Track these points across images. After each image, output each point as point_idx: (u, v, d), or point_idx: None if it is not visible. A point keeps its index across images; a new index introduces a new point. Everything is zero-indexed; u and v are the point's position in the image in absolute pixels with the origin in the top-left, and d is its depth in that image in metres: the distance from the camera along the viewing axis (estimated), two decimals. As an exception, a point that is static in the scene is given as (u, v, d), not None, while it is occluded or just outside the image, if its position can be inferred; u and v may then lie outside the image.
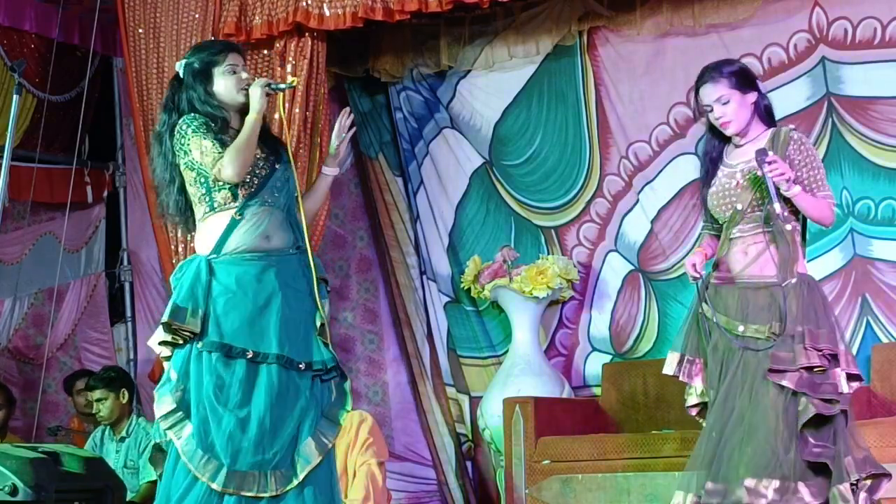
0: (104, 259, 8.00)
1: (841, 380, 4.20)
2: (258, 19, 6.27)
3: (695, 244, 5.90)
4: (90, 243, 8.01)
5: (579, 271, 6.83)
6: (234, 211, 4.24)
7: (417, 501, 7.21)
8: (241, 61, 4.40)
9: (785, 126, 4.43)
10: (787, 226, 4.23)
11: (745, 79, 4.38)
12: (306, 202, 4.45)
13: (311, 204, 4.51)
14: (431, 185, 7.37)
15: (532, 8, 6.94)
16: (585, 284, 6.91)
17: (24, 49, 7.26)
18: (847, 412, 4.22)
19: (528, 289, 6.59)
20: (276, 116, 5.25)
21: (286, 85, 4.58)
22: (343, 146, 4.56)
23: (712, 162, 4.46)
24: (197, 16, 6.45)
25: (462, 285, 7.03)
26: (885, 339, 6.12)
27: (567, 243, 6.98)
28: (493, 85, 7.17)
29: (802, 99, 6.33)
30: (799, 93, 6.33)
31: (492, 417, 6.52)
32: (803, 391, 4.13)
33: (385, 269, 7.49)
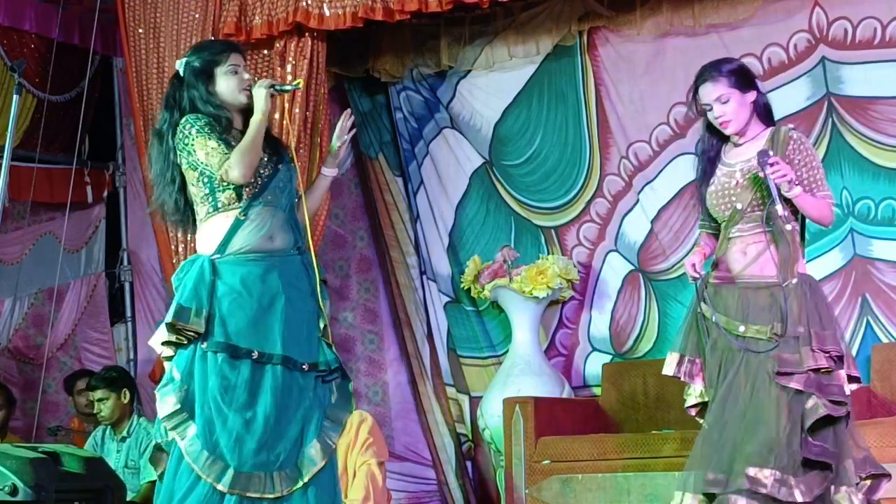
0: (104, 259, 7.99)
1: (844, 379, 4.21)
2: (258, 19, 6.27)
3: (695, 244, 5.89)
4: (90, 243, 8.01)
5: (579, 271, 6.83)
6: (239, 211, 4.22)
7: (417, 501, 7.21)
8: (242, 62, 4.39)
9: (784, 125, 4.42)
10: (788, 226, 4.23)
11: (745, 78, 4.37)
12: (307, 202, 4.45)
13: (309, 204, 4.48)
14: (431, 185, 7.36)
15: (532, 8, 6.93)
16: (585, 284, 6.90)
17: (24, 49, 7.26)
18: (849, 413, 4.23)
19: (528, 289, 6.59)
20: (276, 116, 5.25)
21: (291, 86, 4.58)
22: (343, 147, 4.55)
23: (710, 161, 4.45)
24: (197, 16, 6.45)
25: (462, 285, 7.02)
26: (885, 339, 6.11)
27: (567, 243, 6.98)
28: (493, 85, 7.16)
29: (802, 99, 6.32)
30: (799, 93, 6.33)
31: (492, 417, 6.52)
32: (811, 391, 4.14)
33: (385, 269, 7.49)
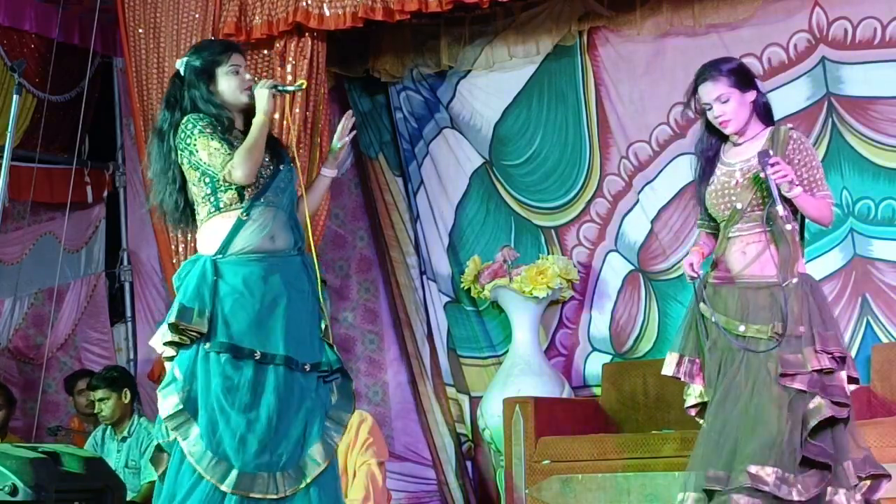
0: (104, 259, 7.99)
1: (843, 379, 4.21)
2: (258, 19, 6.27)
3: (694, 244, 5.89)
4: (90, 243, 8.01)
5: (579, 271, 6.82)
6: (241, 211, 4.21)
7: (417, 501, 7.21)
8: (243, 62, 4.38)
9: (784, 125, 4.41)
10: (788, 226, 4.22)
11: (744, 77, 4.36)
12: (302, 203, 4.44)
13: (309, 204, 4.48)
14: (431, 185, 7.36)
15: (532, 8, 6.93)
16: (585, 284, 6.90)
17: (24, 49, 7.26)
18: (849, 415, 4.23)
19: (528, 289, 6.58)
20: (276, 116, 5.25)
21: (294, 87, 4.56)
22: (344, 149, 4.54)
23: (709, 160, 4.44)
24: (197, 16, 6.45)
25: (462, 285, 7.02)
26: (885, 339, 6.11)
27: (567, 243, 6.98)
28: (493, 85, 7.16)
29: (802, 99, 6.32)
30: (799, 93, 6.33)
31: (492, 417, 6.52)
32: (815, 391, 4.13)
33: (385, 269, 7.49)
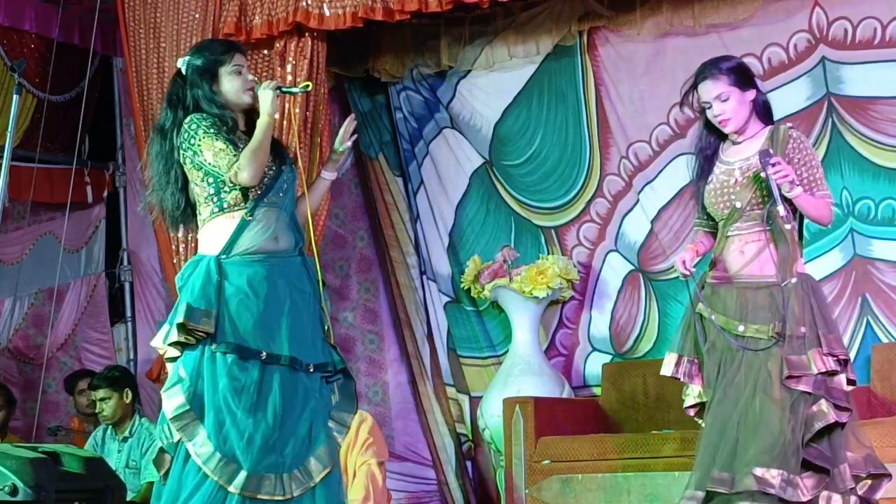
0: (104, 259, 7.99)
1: (844, 382, 4.20)
2: (258, 19, 6.27)
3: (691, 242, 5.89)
4: (90, 243, 8.01)
5: (579, 271, 6.82)
6: (245, 212, 4.21)
7: (417, 501, 7.21)
8: (245, 62, 4.39)
9: (783, 124, 4.41)
10: (787, 225, 4.22)
11: (744, 76, 4.36)
12: (302, 205, 4.45)
13: (304, 208, 4.48)
14: (431, 185, 7.36)
15: (532, 8, 6.93)
16: (585, 284, 6.90)
17: (24, 49, 7.26)
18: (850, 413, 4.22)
19: (528, 289, 6.58)
20: (275, 117, 5.23)
21: (299, 89, 4.56)
22: (346, 152, 4.54)
23: (708, 159, 4.43)
24: (197, 16, 6.44)
25: (462, 285, 7.02)
26: (885, 339, 6.11)
27: (567, 243, 6.98)
28: (493, 85, 7.16)
29: (802, 99, 6.32)
30: (799, 93, 6.33)
31: (492, 417, 6.52)
32: (820, 393, 4.13)
33: (385, 269, 7.49)
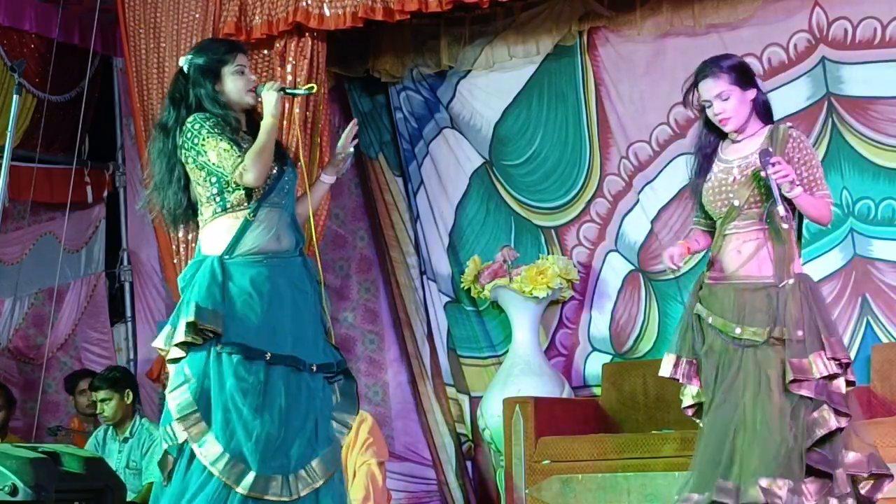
0: (104, 259, 7.99)
1: (842, 385, 4.19)
2: (258, 19, 6.27)
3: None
4: (90, 243, 8.01)
5: (579, 271, 6.82)
6: (248, 212, 4.20)
7: (417, 501, 7.21)
8: (248, 63, 4.39)
9: (783, 124, 4.39)
10: (784, 225, 4.20)
11: (745, 75, 4.34)
12: (301, 205, 4.45)
13: (303, 209, 4.49)
14: (431, 185, 7.36)
15: (532, 8, 6.93)
16: (585, 284, 6.90)
17: (24, 49, 7.26)
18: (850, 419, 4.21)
19: (528, 289, 6.58)
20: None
21: (304, 91, 4.56)
22: (347, 157, 4.56)
23: (706, 157, 4.41)
24: (197, 15, 6.45)
25: (462, 285, 7.02)
26: (885, 339, 6.11)
27: (567, 243, 6.98)
28: (493, 85, 7.16)
29: (802, 99, 6.32)
30: (799, 93, 6.33)
31: (492, 417, 6.52)
32: (822, 399, 4.11)
33: (385, 269, 7.48)
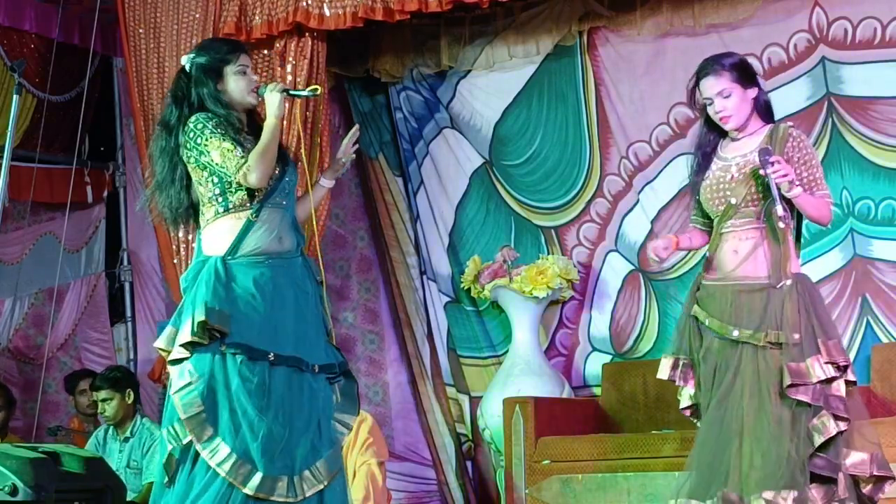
0: (104, 259, 8.00)
1: (842, 387, 4.17)
2: (258, 19, 6.27)
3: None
4: (90, 243, 8.01)
5: (579, 271, 6.82)
6: (251, 213, 4.20)
7: (417, 501, 7.21)
8: (250, 63, 4.39)
9: (783, 123, 4.38)
10: (781, 224, 4.18)
11: (747, 73, 4.33)
12: (300, 206, 4.45)
13: (304, 210, 4.49)
14: (431, 185, 7.36)
15: (532, 8, 6.93)
16: (585, 284, 6.90)
17: (24, 49, 7.26)
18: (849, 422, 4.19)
19: (528, 289, 6.58)
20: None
21: (307, 92, 4.56)
22: (347, 162, 4.57)
23: (706, 155, 4.39)
24: (197, 15, 6.45)
25: (462, 285, 7.02)
26: (885, 339, 6.11)
27: (567, 243, 6.98)
28: (493, 85, 7.16)
29: (802, 99, 6.32)
30: (799, 93, 6.33)
31: (492, 417, 6.52)
32: (819, 404, 4.10)
33: (385, 269, 7.48)
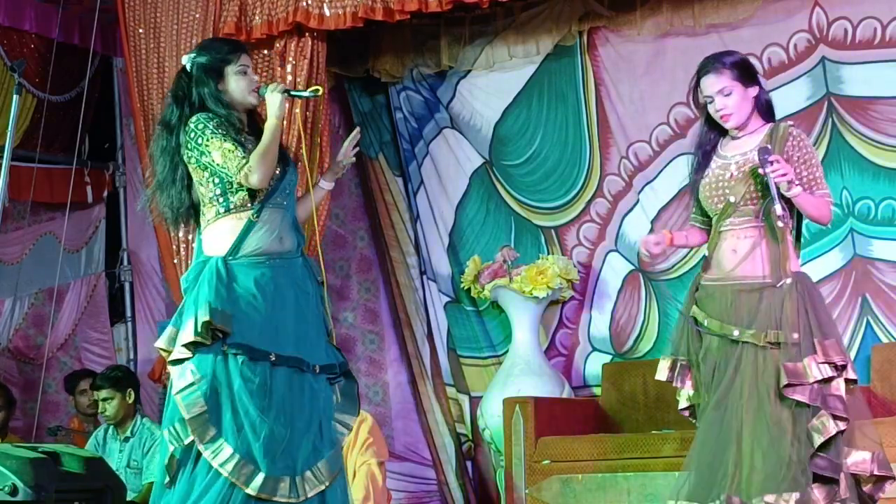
0: (104, 259, 8.00)
1: (841, 386, 4.16)
2: (258, 19, 6.27)
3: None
4: (90, 243, 8.01)
5: (579, 271, 6.82)
6: (252, 213, 4.20)
7: (417, 501, 7.21)
8: (251, 63, 4.39)
9: (784, 122, 4.37)
10: (780, 224, 4.17)
11: (748, 72, 4.32)
12: (300, 207, 4.45)
13: (303, 211, 4.49)
14: (431, 185, 7.36)
15: (532, 8, 6.93)
16: (585, 284, 6.90)
17: (24, 49, 7.26)
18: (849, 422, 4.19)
19: (528, 289, 6.58)
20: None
21: (309, 93, 4.56)
22: (347, 166, 4.58)
23: (706, 154, 4.39)
24: (197, 16, 6.45)
25: (462, 285, 7.02)
26: (885, 339, 6.11)
27: (567, 243, 6.98)
28: (493, 85, 7.16)
29: (802, 99, 6.32)
30: (799, 93, 6.33)
31: (492, 417, 6.52)
32: (817, 405, 4.09)
33: (385, 269, 7.48)
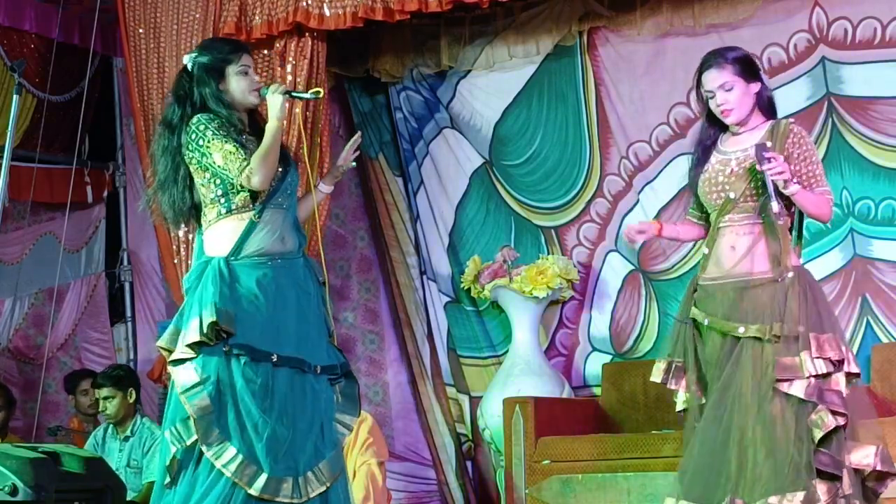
0: (104, 259, 8.00)
1: (841, 381, 4.15)
2: (258, 19, 6.27)
3: (694, 245, 5.89)
4: (90, 243, 8.01)
5: (579, 271, 6.82)
6: (253, 214, 4.21)
7: (417, 501, 7.21)
8: (252, 63, 4.39)
9: (785, 119, 4.35)
10: (779, 221, 4.16)
11: (750, 68, 4.30)
12: (300, 207, 4.46)
13: (302, 212, 4.49)
14: (431, 185, 7.36)
15: (532, 8, 6.93)
16: (585, 284, 6.90)
17: (24, 49, 7.26)
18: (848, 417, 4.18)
19: (528, 289, 6.58)
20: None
21: (310, 95, 4.57)
22: (346, 170, 4.59)
23: (705, 149, 4.37)
24: (197, 15, 6.45)
25: (462, 285, 7.02)
26: (885, 339, 6.11)
27: (567, 243, 6.98)
28: (493, 85, 7.16)
29: (802, 99, 6.32)
30: (799, 93, 6.32)
31: (492, 417, 6.52)
32: (813, 400, 4.08)
33: (385, 269, 7.48)
